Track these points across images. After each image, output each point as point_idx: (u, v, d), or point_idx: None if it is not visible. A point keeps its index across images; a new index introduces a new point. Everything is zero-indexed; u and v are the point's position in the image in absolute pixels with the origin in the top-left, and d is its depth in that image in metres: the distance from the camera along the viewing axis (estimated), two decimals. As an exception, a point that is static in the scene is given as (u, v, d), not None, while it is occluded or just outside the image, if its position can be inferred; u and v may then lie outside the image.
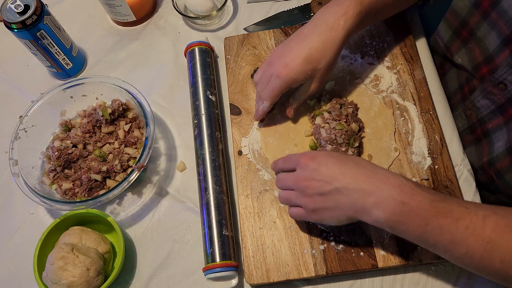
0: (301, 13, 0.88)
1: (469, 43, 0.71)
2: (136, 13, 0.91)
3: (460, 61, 0.75)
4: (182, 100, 0.84)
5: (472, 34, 0.69)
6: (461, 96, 0.76)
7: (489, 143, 0.69)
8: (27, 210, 0.79)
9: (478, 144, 0.72)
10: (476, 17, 0.67)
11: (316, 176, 0.57)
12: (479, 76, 0.70)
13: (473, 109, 0.72)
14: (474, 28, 0.68)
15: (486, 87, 0.67)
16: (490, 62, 0.66)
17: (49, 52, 0.82)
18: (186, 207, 0.75)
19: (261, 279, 0.65)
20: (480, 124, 0.71)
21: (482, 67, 0.69)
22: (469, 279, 0.64)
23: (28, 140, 0.77)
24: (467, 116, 0.74)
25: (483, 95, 0.68)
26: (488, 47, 0.66)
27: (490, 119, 0.69)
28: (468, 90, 0.74)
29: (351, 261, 0.64)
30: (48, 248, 0.70)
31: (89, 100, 0.81)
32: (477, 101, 0.70)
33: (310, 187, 0.58)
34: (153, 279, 0.71)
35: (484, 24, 0.65)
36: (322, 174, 0.57)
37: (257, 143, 0.75)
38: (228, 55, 0.84)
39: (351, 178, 0.56)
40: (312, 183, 0.58)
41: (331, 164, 0.57)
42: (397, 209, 0.53)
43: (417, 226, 0.53)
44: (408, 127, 0.73)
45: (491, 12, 0.63)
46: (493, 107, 0.67)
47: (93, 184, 0.74)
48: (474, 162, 0.73)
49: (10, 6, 0.76)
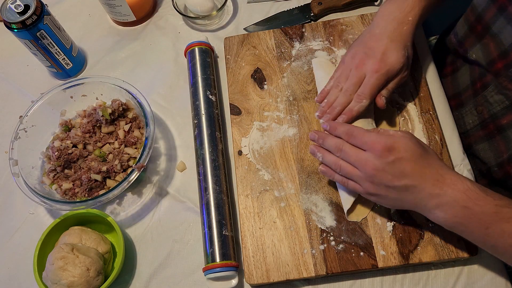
0: (301, 13, 0.89)
1: (484, 38, 0.71)
2: (136, 13, 0.91)
3: (474, 56, 0.74)
4: (182, 100, 0.84)
5: (487, 29, 0.69)
6: (473, 92, 0.76)
7: (505, 138, 0.69)
8: (27, 210, 0.79)
9: (492, 140, 0.72)
10: (492, 11, 0.67)
11: (388, 169, 0.57)
12: (493, 71, 0.70)
13: (486, 104, 0.71)
14: (489, 22, 0.68)
15: (501, 82, 0.67)
16: (506, 57, 0.66)
17: (49, 52, 0.82)
18: (186, 207, 0.75)
19: (261, 279, 0.65)
20: (493, 120, 0.71)
21: (497, 62, 0.68)
22: (469, 279, 0.64)
23: (28, 140, 0.77)
24: (478, 112, 0.74)
25: (497, 90, 0.68)
26: (504, 42, 0.66)
27: (503, 115, 0.69)
28: (480, 85, 0.73)
29: (351, 261, 0.64)
30: (48, 248, 0.70)
31: (89, 100, 0.81)
32: (491, 96, 0.70)
33: (378, 177, 0.58)
34: (153, 279, 0.71)
35: (501, 18, 0.65)
36: (395, 170, 0.57)
37: (257, 143, 0.75)
38: (228, 55, 0.84)
39: (421, 179, 0.56)
40: (381, 174, 0.57)
41: (405, 160, 0.56)
42: (459, 212, 0.55)
43: (477, 229, 0.55)
44: (408, 127, 0.73)
45: (508, 6, 0.63)
46: (508, 102, 0.67)
47: (93, 184, 0.74)
48: (491, 159, 0.73)
49: (10, 6, 0.76)
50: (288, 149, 0.74)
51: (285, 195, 0.70)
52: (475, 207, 0.54)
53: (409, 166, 0.56)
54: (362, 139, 0.59)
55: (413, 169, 0.56)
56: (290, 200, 0.70)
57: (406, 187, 0.57)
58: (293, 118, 0.76)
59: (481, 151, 0.74)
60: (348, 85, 0.68)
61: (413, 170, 0.56)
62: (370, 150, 0.58)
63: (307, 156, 0.73)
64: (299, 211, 0.69)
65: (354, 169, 0.60)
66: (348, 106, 0.68)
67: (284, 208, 0.69)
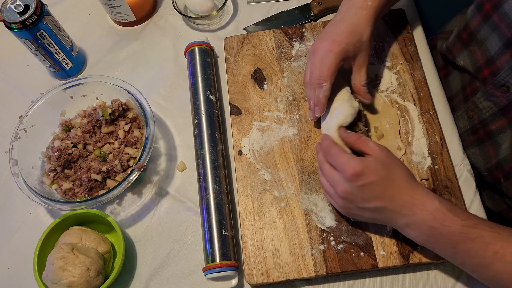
0: (301, 13, 0.88)
1: (470, 45, 0.71)
2: (136, 13, 0.91)
3: (462, 63, 0.75)
4: (182, 100, 0.84)
5: (473, 37, 0.69)
6: (464, 97, 0.76)
7: (495, 144, 0.70)
8: (27, 210, 0.79)
9: (482, 146, 0.72)
10: (477, 20, 0.67)
11: (358, 193, 0.58)
12: (481, 78, 0.70)
13: (476, 110, 0.72)
14: (474, 30, 0.69)
15: (488, 89, 0.67)
16: (492, 64, 0.66)
17: (49, 52, 0.82)
18: (186, 207, 0.75)
19: (261, 279, 0.65)
20: (483, 126, 0.71)
21: (483, 69, 0.69)
22: (469, 279, 0.64)
23: (28, 140, 0.77)
24: (469, 117, 0.74)
25: (485, 97, 0.68)
26: (490, 50, 0.66)
27: (492, 121, 0.69)
28: (470, 91, 0.74)
29: (351, 261, 0.64)
30: (48, 248, 0.70)
31: (89, 100, 0.81)
32: (479, 102, 0.70)
33: (349, 199, 0.60)
34: (153, 279, 0.71)
35: (485, 26, 0.66)
36: (364, 194, 0.58)
37: (257, 143, 0.75)
38: (228, 55, 0.84)
39: (390, 201, 0.57)
40: (351, 196, 0.59)
41: (375, 184, 0.58)
42: (427, 231, 0.56)
43: (445, 247, 0.56)
44: (408, 127, 0.73)
45: (492, 15, 0.63)
46: (496, 109, 0.67)
47: (93, 184, 0.74)
48: (480, 164, 0.73)
49: (10, 6, 0.76)
50: (288, 149, 0.74)
51: (285, 195, 0.70)
52: (441, 227, 0.55)
53: (378, 189, 0.58)
54: (336, 160, 0.61)
55: (383, 192, 0.58)
56: (290, 200, 0.70)
57: (376, 209, 0.58)
58: (293, 118, 0.76)
59: (471, 156, 0.74)
60: (309, 76, 0.69)
61: (382, 193, 0.58)
62: (342, 172, 0.59)
63: (307, 156, 0.73)
64: (299, 211, 0.69)
65: (330, 187, 0.62)
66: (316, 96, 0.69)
67: (284, 208, 0.69)
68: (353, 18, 0.68)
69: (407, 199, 0.57)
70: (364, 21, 0.68)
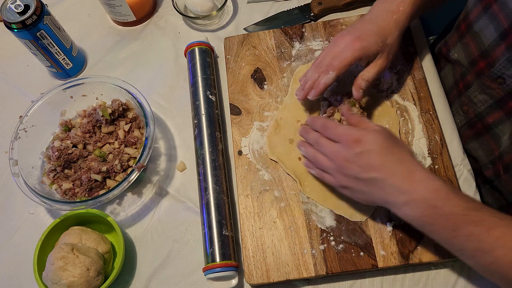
0: (301, 13, 0.88)
1: (465, 37, 0.71)
2: (136, 13, 0.91)
3: (456, 56, 0.75)
4: (182, 100, 0.84)
5: (469, 28, 0.69)
6: (457, 92, 0.76)
7: (494, 136, 0.69)
8: (27, 210, 0.79)
9: (481, 139, 0.72)
10: (478, 9, 0.67)
11: (357, 161, 0.57)
12: (475, 71, 0.70)
13: (470, 104, 0.72)
14: (473, 21, 0.69)
15: (484, 81, 0.67)
16: (487, 56, 0.67)
17: (49, 52, 0.82)
18: (186, 207, 0.75)
19: (261, 279, 0.65)
20: (480, 119, 0.71)
21: (478, 61, 0.69)
22: (469, 279, 0.64)
23: (28, 140, 0.77)
24: (464, 112, 0.74)
25: (480, 90, 0.68)
26: (484, 41, 0.66)
27: (488, 114, 0.69)
28: (463, 86, 0.74)
29: (351, 261, 0.64)
30: (48, 248, 0.70)
31: (89, 100, 0.81)
32: (474, 96, 0.70)
33: (348, 168, 0.58)
34: (153, 279, 0.71)
35: (484, 16, 0.66)
36: (363, 161, 0.57)
37: (257, 143, 0.75)
38: (228, 55, 0.84)
39: (390, 173, 0.56)
40: (350, 165, 0.58)
41: (374, 153, 0.57)
42: (427, 211, 0.54)
43: (445, 230, 0.54)
44: (408, 127, 0.73)
45: (493, 4, 0.63)
46: (491, 101, 0.67)
47: (93, 184, 0.74)
48: (483, 157, 0.73)
49: (10, 6, 0.76)
50: (288, 149, 0.74)
51: (285, 195, 0.70)
52: (444, 207, 0.53)
53: (377, 159, 0.57)
54: (335, 131, 0.61)
55: (382, 162, 0.56)
56: (290, 200, 0.70)
57: (375, 180, 0.57)
58: (293, 118, 0.76)
59: (472, 150, 0.74)
60: (321, 60, 0.68)
61: (381, 164, 0.56)
62: (341, 142, 0.59)
63: (307, 156, 0.73)
64: (299, 211, 0.69)
65: (328, 161, 0.61)
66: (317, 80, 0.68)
67: (284, 208, 0.69)
68: (383, 21, 0.68)
69: (408, 173, 0.55)
70: (392, 25, 0.68)
